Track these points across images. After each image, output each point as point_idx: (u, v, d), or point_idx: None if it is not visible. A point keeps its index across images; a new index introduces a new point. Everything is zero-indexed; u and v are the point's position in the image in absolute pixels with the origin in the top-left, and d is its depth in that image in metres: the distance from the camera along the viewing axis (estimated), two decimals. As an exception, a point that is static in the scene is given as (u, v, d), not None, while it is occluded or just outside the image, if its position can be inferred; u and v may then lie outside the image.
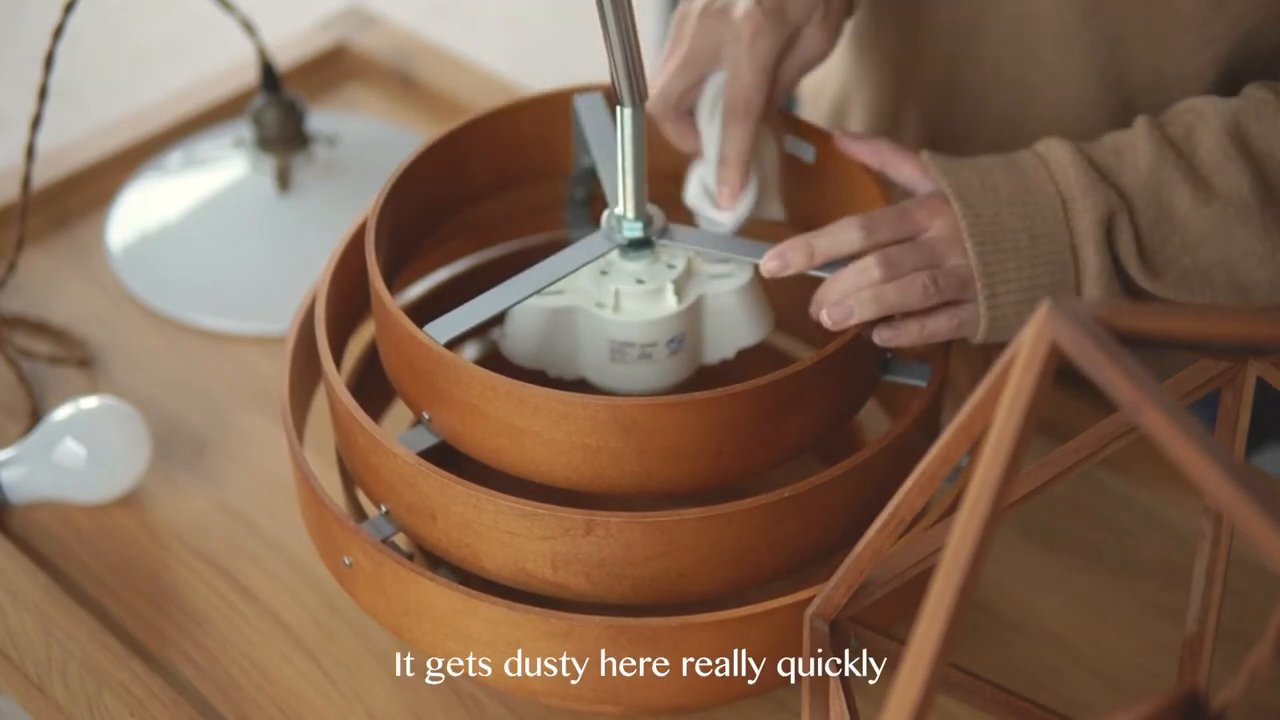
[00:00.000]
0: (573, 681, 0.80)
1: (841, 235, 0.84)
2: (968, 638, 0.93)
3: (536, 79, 1.02)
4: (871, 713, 0.85)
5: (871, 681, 0.85)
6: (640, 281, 0.86)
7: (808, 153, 0.93)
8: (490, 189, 0.98)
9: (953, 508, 0.82)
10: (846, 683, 0.72)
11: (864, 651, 0.75)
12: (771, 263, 0.84)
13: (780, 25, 0.88)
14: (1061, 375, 0.56)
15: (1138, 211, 0.83)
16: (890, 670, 0.75)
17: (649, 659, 0.79)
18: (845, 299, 0.82)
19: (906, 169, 0.88)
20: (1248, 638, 0.92)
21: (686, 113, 0.91)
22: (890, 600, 0.76)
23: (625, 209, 0.87)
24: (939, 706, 0.87)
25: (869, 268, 0.82)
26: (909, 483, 0.67)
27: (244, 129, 1.24)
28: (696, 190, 0.90)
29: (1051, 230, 0.83)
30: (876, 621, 0.77)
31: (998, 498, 0.54)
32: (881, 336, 0.83)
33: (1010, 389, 0.54)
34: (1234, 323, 0.55)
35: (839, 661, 0.73)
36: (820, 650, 0.73)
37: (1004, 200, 0.83)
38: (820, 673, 0.73)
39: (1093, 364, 0.52)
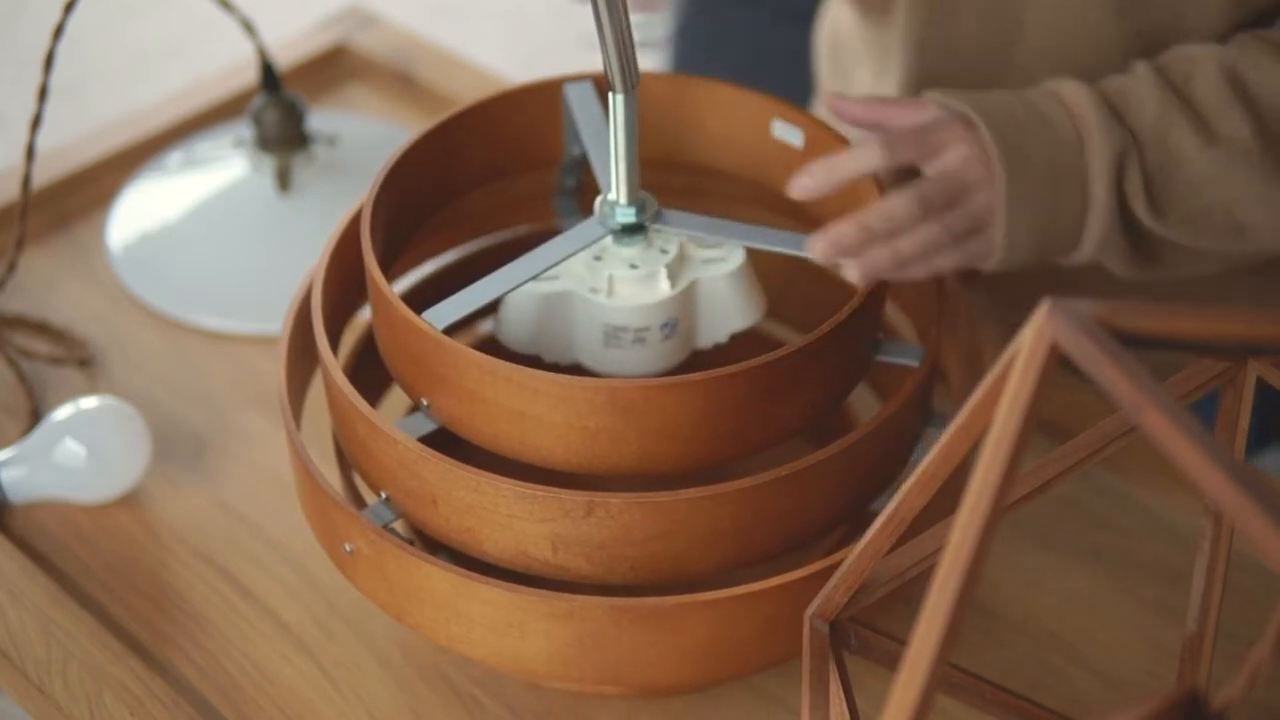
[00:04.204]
0: (574, 662, 0.81)
1: (863, 154, 0.83)
2: (968, 638, 0.93)
3: (536, 78, 1.02)
4: (871, 713, 0.85)
5: (871, 682, 0.86)
6: (634, 266, 0.87)
7: (796, 138, 0.94)
8: (482, 179, 0.98)
9: (953, 508, 0.82)
10: (847, 683, 0.72)
11: (864, 651, 0.75)
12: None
13: None
14: (1066, 366, 0.56)
15: (1146, 152, 0.85)
16: (890, 670, 0.75)
17: (650, 638, 0.80)
18: (866, 258, 0.80)
19: (908, 114, 0.87)
20: (1248, 638, 0.92)
21: None
22: (890, 600, 0.77)
23: (618, 195, 0.87)
24: (939, 706, 0.87)
25: (909, 204, 0.81)
26: (909, 483, 0.67)
27: (244, 129, 1.24)
28: None
29: (1070, 162, 0.84)
30: (876, 621, 0.78)
31: (998, 498, 0.54)
32: (886, 264, 0.81)
33: (1010, 389, 0.54)
34: (1234, 323, 0.55)
35: (839, 661, 0.73)
36: (820, 650, 0.74)
37: (1027, 129, 0.84)
38: (820, 673, 0.73)
39: (1093, 364, 0.52)
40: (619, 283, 0.86)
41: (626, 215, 0.88)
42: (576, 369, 0.89)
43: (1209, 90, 0.87)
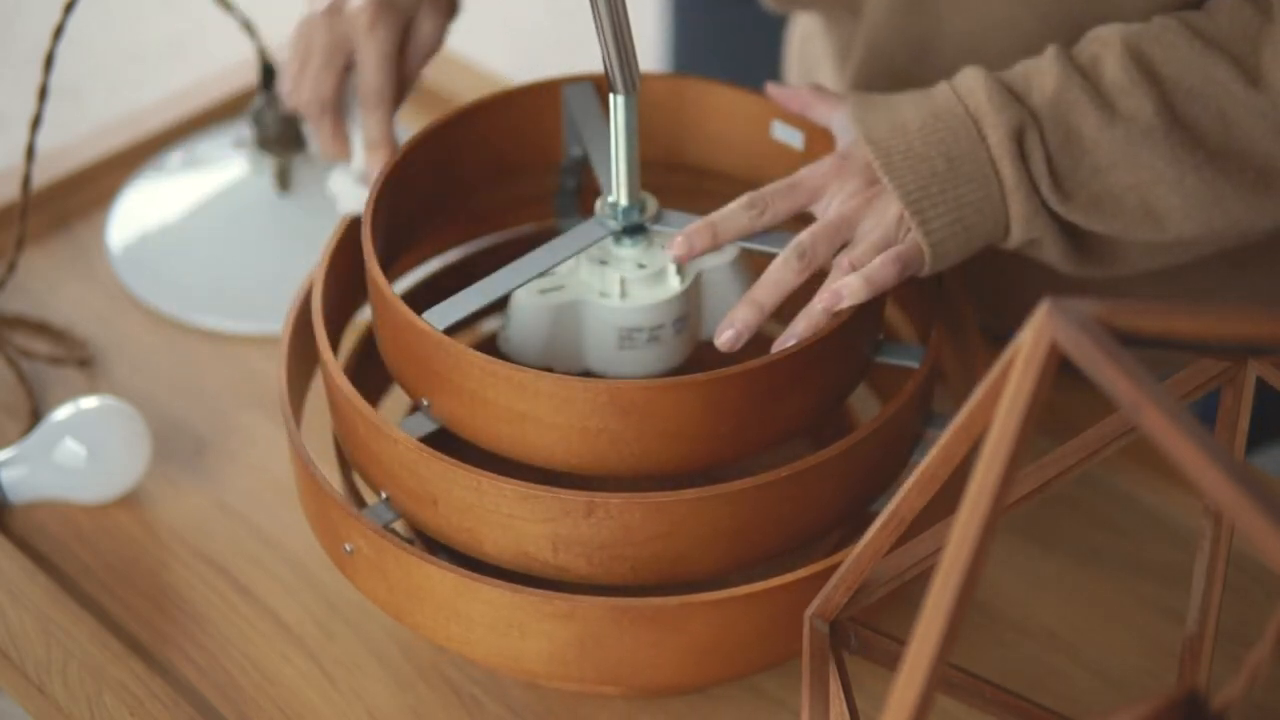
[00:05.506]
0: (574, 663, 0.81)
1: (734, 216, 0.86)
2: (968, 638, 0.93)
3: (536, 78, 1.02)
4: (871, 713, 0.85)
5: (872, 682, 0.86)
6: (641, 266, 0.87)
7: (796, 139, 0.94)
8: (482, 179, 0.98)
9: (953, 508, 0.82)
10: (847, 683, 0.72)
11: (864, 651, 0.75)
12: (679, 248, 0.86)
13: (394, 14, 0.97)
14: (1065, 365, 0.56)
15: (1046, 131, 0.85)
16: (890, 670, 0.75)
17: (650, 639, 0.80)
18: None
19: (821, 109, 0.92)
20: (1248, 638, 0.92)
21: (339, 112, 0.99)
22: (890, 600, 0.77)
23: (620, 195, 0.87)
24: (939, 706, 0.87)
25: (790, 261, 0.84)
26: (909, 483, 0.67)
27: (244, 129, 1.24)
28: (350, 188, 0.97)
29: (967, 150, 0.84)
30: (876, 621, 0.78)
31: (998, 498, 0.54)
32: (824, 302, 0.83)
33: (1010, 389, 0.54)
34: (1234, 323, 0.55)
35: (839, 661, 0.73)
36: (820, 650, 0.74)
37: (914, 133, 0.85)
38: (820, 673, 0.73)
39: (1093, 364, 0.52)
40: (631, 284, 0.86)
41: (630, 216, 0.88)
42: (585, 375, 0.89)
43: (1115, 70, 0.85)
